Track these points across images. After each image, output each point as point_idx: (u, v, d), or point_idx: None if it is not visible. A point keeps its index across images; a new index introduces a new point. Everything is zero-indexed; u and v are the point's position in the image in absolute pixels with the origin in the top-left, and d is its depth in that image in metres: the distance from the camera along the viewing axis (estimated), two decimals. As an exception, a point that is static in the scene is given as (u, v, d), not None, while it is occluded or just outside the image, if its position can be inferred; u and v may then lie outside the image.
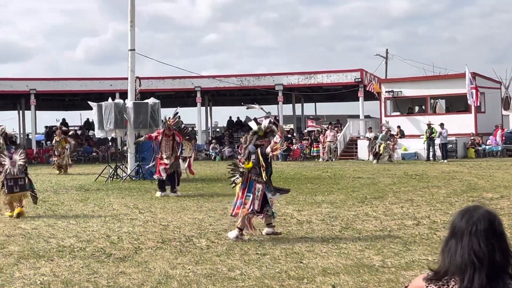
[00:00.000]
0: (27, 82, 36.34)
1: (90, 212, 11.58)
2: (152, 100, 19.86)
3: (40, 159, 35.70)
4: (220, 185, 17.09)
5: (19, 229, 9.57)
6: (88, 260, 7.20)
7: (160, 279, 6.26)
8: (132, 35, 20.12)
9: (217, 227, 9.57)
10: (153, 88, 34.51)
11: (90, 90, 35.39)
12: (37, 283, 6.15)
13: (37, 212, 11.57)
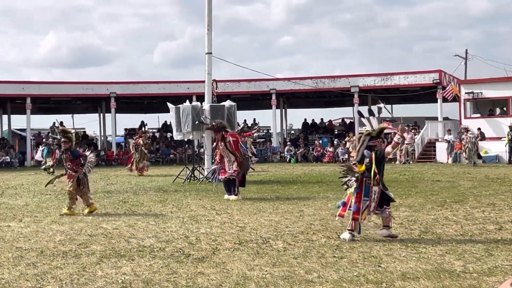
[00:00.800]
0: (108, 86, 37.39)
1: (169, 213, 11.78)
2: (228, 103, 20.07)
3: (120, 161, 36.60)
4: (296, 187, 17.10)
5: (101, 229, 9.83)
6: (168, 260, 7.33)
7: (238, 280, 6.30)
8: (209, 38, 20.38)
9: (294, 229, 9.56)
10: (229, 90, 34.90)
11: (168, 93, 36.03)
12: (119, 282, 6.29)
13: (118, 213, 11.86)
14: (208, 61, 20.45)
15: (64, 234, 9.35)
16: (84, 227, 9.97)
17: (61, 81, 39.27)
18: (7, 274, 6.71)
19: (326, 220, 10.49)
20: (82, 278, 6.48)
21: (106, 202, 13.80)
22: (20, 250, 8.06)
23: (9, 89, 36.34)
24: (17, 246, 8.36)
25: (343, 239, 8.42)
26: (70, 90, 37.48)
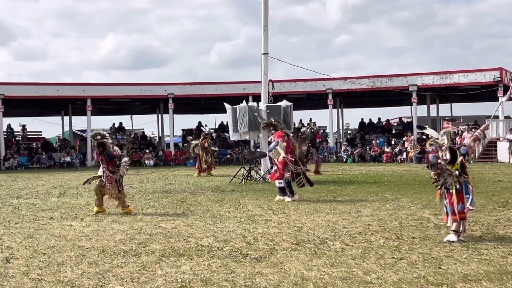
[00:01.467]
0: (166, 87, 37.92)
1: (226, 212, 11.85)
2: (284, 103, 20.07)
3: (178, 161, 37.06)
4: (353, 187, 16.97)
5: (160, 228, 9.96)
6: (226, 259, 7.37)
7: (295, 280, 6.30)
8: (265, 39, 20.42)
9: (351, 229, 9.49)
10: (285, 91, 34.90)
11: (224, 93, 36.26)
12: (178, 281, 6.36)
13: (176, 212, 12.00)
14: (264, 62, 20.49)
15: (124, 233, 9.52)
16: (144, 226, 10.12)
17: (120, 83, 39.96)
18: (69, 272, 6.87)
19: (384, 221, 10.37)
20: (142, 276, 6.59)
21: (164, 202, 13.98)
22: (82, 249, 8.24)
23: (70, 91, 37.23)
24: (79, 245, 8.54)
25: (449, 242, 8.27)
26: (129, 92, 38.15)
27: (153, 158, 36.82)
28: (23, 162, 35.63)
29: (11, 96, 35.57)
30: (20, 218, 11.53)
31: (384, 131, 40.08)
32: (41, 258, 7.69)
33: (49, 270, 6.99)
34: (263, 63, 20.50)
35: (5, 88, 35.76)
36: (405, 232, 9.18)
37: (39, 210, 12.85)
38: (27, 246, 8.55)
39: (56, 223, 10.75)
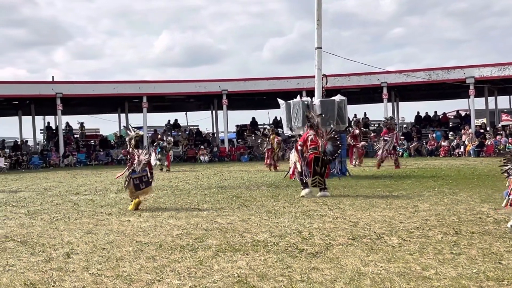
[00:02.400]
0: (220, 83, 38.16)
1: (281, 208, 11.85)
2: (338, 97, 19.94)
3: (232, 157, 37.28)
4: (410, 182, 16.74)
5: (216, 223, 10.03)
6: (282, 254, 7.37)
7: (352, 275, 6.25)
8: (318, 33, 20.30)
9: (408, 225, 9.36)
10: (339, 85, 34.68)
11: (277, 89, 36.30)
12: (235, 276, 6.40)
13: (231, 208, 12.07)
14: (318, 56, 20.38)
15: (181, 228, 9.62)
16: (200, 222, 10.21)
17: (175, 80, 40.38)
18: (128, 267, 6.98)
19: (442, 215, 10.20)
20: (199, 271, 6.65)
21: (220, 197, 14.07)
22: (140, 244, 8.36)
23: (126, 88, 37.84)
24: (137, 240, 8.68)
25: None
26: (184, 89, 38.53)
27: (208, 154, 37.13)
28: (81, 159, 36.44)
29: (69, 95, 36.39)
30: (79, 214, 11.79)
31: (441, 124, 39.42)
32: (101, 253, 7.84)
33: (108, 265, 7.12)
34: (316, 57, 20.40)
35: (63, 87, 36.62)
36: (463, 227, 9.02)
37: (98, 206, 13.11)
38: (87, 241, 8.73)
39: (114, 219, 10.95)
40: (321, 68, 20.55)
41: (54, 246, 8.42)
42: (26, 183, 21.62)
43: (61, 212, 12.26)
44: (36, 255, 7.81)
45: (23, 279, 6.49)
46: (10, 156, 35.18)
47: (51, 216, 11.65)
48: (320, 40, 20.34)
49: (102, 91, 37.33)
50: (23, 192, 17.40)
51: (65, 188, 18.32)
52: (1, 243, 8.76)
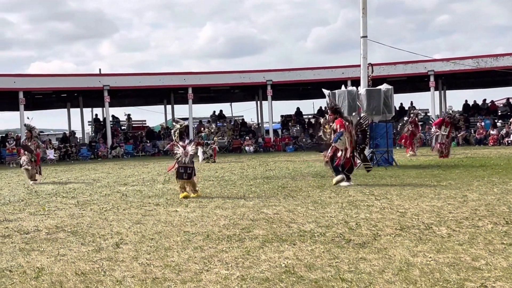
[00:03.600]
0: (264, 74, 38.17)
1: (327, 198, 11.81)
2: (384, 86, 19.73)
3: (277, 147, 37.27)
4: (458, 171, 16.50)
5: (262, 214, 10.06)
6: (329, 245, 7.35)
7: (401, 266, 6.19)
8: (364, 22, 20.11)
9: (457, 215, 9.22)
10: (384, 74, 34.31)
11: (322, 79, 36.10)
12: (282, 266, 6.40)
13: (277, 198, 12.08)
14: (363, 45, 20.19)
15: (228, 218, 9.67)
16: (246, 212, 10.25)
17: (219, 71, 40.54)
18: (176, 257, 7.05)
19: (492, 205, 10.02)
20: (246, 261, 6.68)
21: (266, 188, 14.09)
22: (188, 234, 8.44)
23: (172, 80, 38.17)
24: (184, 230, 8.76)
25: None
26: (229, 79, 38.68)
27: (253, 145, 37.22)
28: (129, 150, 36.95)
29: (116, 87, 36.90)
30: (128, 205, 11.96)
31: (490, 112, 38.67)
32: (149, 243, 7.94)
33: (157, 254, 7.21)
34: (362, 46, 20.22)
35: (110, 79, 37.13)
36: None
37: (146, 196, 13.28)
38: (136, 231, 8.85)
39: (162, 209, 11.07)
40: (367, 57, 20.37)
41: (104, 236, 8.57)
42: (75, 174, 22.04)
43: (110, 202, 12.46)
44: (86, 245, 7.95)
45: (74, 269, 6.62)
46: (60, 148, 35.87)
47: (100, 206, 11.85)
48: (365, 29, 20.15)
49: (148, 83, 37.74)
50: (73, 183, 17.74)
51: (113, 179, 18.60)
52: (52, 234, 8.95)
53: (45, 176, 21.45)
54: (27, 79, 36.09)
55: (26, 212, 11.43)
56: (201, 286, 5.75)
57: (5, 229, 9.51)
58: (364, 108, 19.18)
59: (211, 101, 46.26)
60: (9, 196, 14.55)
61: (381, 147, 19.85)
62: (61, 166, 28.33)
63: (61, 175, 21.59)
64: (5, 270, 6.70)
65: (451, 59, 36.23)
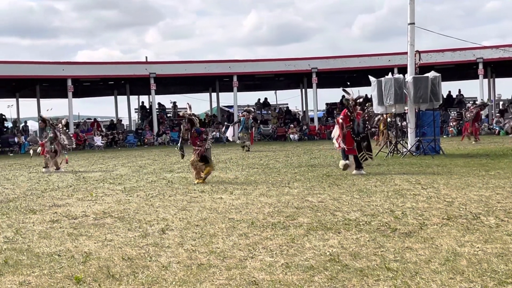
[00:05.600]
0: (309, 61, 38.02)
1: (373, 186, 11.71)
2: (432, 74, 19.42)
3: (322, 135, 37.11)
4: (507, 160, 16.17)
5: (306, 202, 10.03)
6: (374, 234, 7.29)
7: (448, 256, 6.10)
8: (411, 8, 19.81)
9: (506, 205, 9.04)
10: (432, 61, 33.78)
11: (368, 66, 35.78)
12: (327, 254, 6.38)
13: (322, 186, 12.03)
14: (410, 32, 19.90)
15: (272, 206, 9.68)
16: (291, 200, 10.24)
17: (264, 59, 40.62)
18: (221, 243, 7.09)
19: (542, 195, 9.80)
20: (291, 249, 6.67)
21: (310, 176, 14.06)
22: (233, 221, 8.48)
23: (217, 68, 38.31)
24: (229, 217, 8.80)
25: None
26: (273, 67, 38.61)
27: (298, 133, 37.15)
28: (174, 137, 37.25)
29: (162, 75, 37.20)
30: (173, 191, 12.07)
31: (540, 101, 37.79)
32: (194, 229, 8.00)
33: (202, 241, 7.26)
34: (409, 33, 19.92)
35: (157, 67, 37.47)
36: None
37: (191, 183, 13.38)
38: (181, 218, 8.93)
39: (207, 196, 11.14)
40: (414, 44, 20.07)
41: (150, 222, 8.67)
42: (122, 161, 22.35)
43: (156, 189, 12.60)
44: (133, 231, 8.06)
45: (121, 254, 6.71)
46: (107, 135, 36.41)
47: (147, 193, 11.99)
48: (413, 15, 19.85)
49: (194, 71, 37.96)
50: (120, 170, 18.00)
51: (159, 166, 18.80)
52: (99, 219, 9.10)
53: (93, 162, 21.85)
54: (75, 67, 36.68)
55: (74, 198, 11.65)
56: (245, 273, 5.77)
57: (54, 214, 9.71)
58: (411, 96, 18.94)
59: (256, 88, 46.30)
60: (57, 182, 14.85)
61: (428, 135, 19.59)
62: (108, 153, 28.77)
63: (108, 162, 21.92)
64: (54, 254, 6.84)
65: (500, 46, 35.45)
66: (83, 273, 5.96)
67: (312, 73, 37.50)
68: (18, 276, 5.97)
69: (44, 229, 8.40)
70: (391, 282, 5.34)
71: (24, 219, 9.29)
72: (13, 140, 33.29)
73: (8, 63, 34.85)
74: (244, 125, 25.77)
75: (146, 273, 5.89)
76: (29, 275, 5.99)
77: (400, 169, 14.77)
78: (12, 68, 34.12)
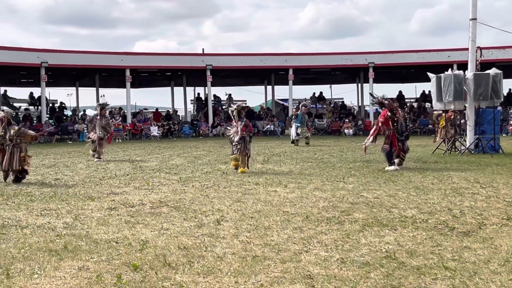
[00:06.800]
0: (366, 56, 37.59)
1: (430, 184, 11.53)
2: (493, 71, 18.97)
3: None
4: None
5: (362, 197, 9.95)
6: (431, 232, 7.18)
7: (507, 257, 5.97)
8: (473, 3, 19.37)
9: None
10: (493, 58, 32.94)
11: (427, 62, 35.21)
12: (382, 251, 6.32)
13: (378, 182, 11.91)
14: (472, 28, 19.46)
15: (327, 201, 9.64)
16: (346, 195, 10.17)
17: (320, 52, 40.38)
18: (276, 236, 7.10)
19: None
20: (346, 244, 6.63)
21: (365, 171, 13.93)
22: (287, 214, 8.47)
23: (273, 61, 38.27)
24: (284, 210, 8.80)
25: None
26: (329, 61, 38.35)
27: (353, 128, 36.84)
28: (229, 129, 37.38)
29: (219, 67, 37.38)
30: (228, 183, 12.14)
31: None
32: (249, 221, 8.03)
33: (257, 233, 7.28)
34: (471, 29, 19.49)
35: (213, 59, 37.69)
36: None
37: (245, 175, 13.42)
38: (236, 209, 8.97)
39: (261, 189, 11.17)
40: (475, 40, 19.64)
41: (205, 212, 8.74)
42: (177, 151, 22.59)
43: (211, 180, 12.70)
44: (188, 221, 8.14)
45: (177, 243, 6.79)
46: (163, 125, 36.85)
47: (202, 183, 12.10)
48: (475, 11, 19.41)
49: (250, 63, 38.03)
50: (175, 160, 18.20)
51: (214, 157, 18.93)
52: (156, 208, 9.23)
53: (149, 152, 22.15)
54: (134, 57, 37.17)
55: (131, 186, 11.84)
56: (300, 267, 5.77)
57: (112, 201, 9.89)
58: (471, 93, 18.55)
59: (311, 82, 46.12)
60: (115, 170, 15.11)
61: (487, 133, 19.16)
62: (164, 143, 29.12)
63: (164, 152, 22.18)
64: (111, 241, 6.97)
65: None
66: (140, 260, 6.06)
67: (369, 67, 37.07)
68: (77, 261, 6.11)
69: (102, 216, 8.58)
70: (449, 281, 5.25)
71: (83, 206, 9.50)
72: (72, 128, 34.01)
73: (69, 53, 35.54)
74: (302, 120, 25.57)
75: (201, 263, 5.95)
76: (88, 260, 6.12)
77: (458, 167, 14.51)
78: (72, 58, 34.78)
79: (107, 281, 5.44)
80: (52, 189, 11.61)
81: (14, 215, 8.79)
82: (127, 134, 34.07)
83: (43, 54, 33.74)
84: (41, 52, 33.96)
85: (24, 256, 6.32)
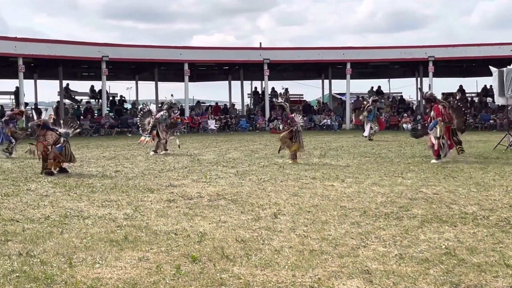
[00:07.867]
0: (426, 50, 36.93)
1: (491, 180, 11.29)
2: (559, 65, 18.41)
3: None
4: None
5: (421, 193, 9.82)
6: (492, 229, 7.04)
7: None
8: (538, -5, 18.84)
9: None
10: (558, 52, 32.03)
11: (489, 55, 34.41)
12: (442, 247, 6.23)
13: (437, 178, 11.73)
14: (536, 20, 18.93)
15: (385, 196, 9.55)
16: (404, 190, 10.06)
17: (379, 46, 39.78)
18: (333, 231, 7.09)
19: None
20: (404, 240, 6.57)
21: (424, 167, 13.73)
22: (344, 209, 8.44)
23: (331, 55, 38.00)
24: (341, 205, 8.77)
25: None
26: (388, 55, 37.84)
27: (411, 122, 36.31)
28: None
29: (276, 61, 37.36)
30: (285, 177, 12.15)
31: None
32: (306, 215, 8.03)
33: (314, 227, 7.28)
34: (535, 21, 18.95)
35: (270, 53, 37.69)
36: None
37: (302, 169, 13.41)
38: (293, 203, 8.99)
39: (318, 183, 11.14)
40: (540, 33, 19.08)
41: (262, 206, 8.78)
42: (234, 145, 22.73)
43: (268, 174, 12.73)
44: (245, 214, 8.20)
45: (235, 236, 6.85)
46: (220, 119, 37.11)
47: (259, 177, 12.15)
48: (540, 3, 18.87)
49: (307, 57, 37.88)
50: (232, 153, 18.31)
51: (271, 151, 18.95)
52: (213, 201, 9.32)
53: (206, 145, 22.37)
54: (192, 51, 37.51)
55: (189, 179, 11.99)
56: (358, 262, 5.74)
57: (170, 194, 10.04)
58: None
59: (369, 76, 45.60)
60: (173, 163, 15.31)
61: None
62: (221, 136, 29.35)
63: (221, 145, 22.35)
64: (170, 232, 7.08)
65: None
66: (199, 252, 6.14)
67: (429, 61, 36.43)
68: (137, 251, 6.23)
69: (161, 208, 8.72)
70: (510, 279, 5.16)
71: (142, 198, 9.67)
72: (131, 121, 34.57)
73: (128, 47, 36.10)
74: (375, 114, 25.14)
75: (259, 256, 5.99)
76: (148, 251, 6.24)
77: (521, 164, 14.16)
78: (132, 52, 35.30)
79: (167, 272, 5.53)
80: (112, 180, 11.87)
81: (76, 205, 9.02)
82: (185, 127, 34.43)
83: (104, 48, 34.38)
84: (102, 46, 34.60)
85: (86, 246, 6.49)
